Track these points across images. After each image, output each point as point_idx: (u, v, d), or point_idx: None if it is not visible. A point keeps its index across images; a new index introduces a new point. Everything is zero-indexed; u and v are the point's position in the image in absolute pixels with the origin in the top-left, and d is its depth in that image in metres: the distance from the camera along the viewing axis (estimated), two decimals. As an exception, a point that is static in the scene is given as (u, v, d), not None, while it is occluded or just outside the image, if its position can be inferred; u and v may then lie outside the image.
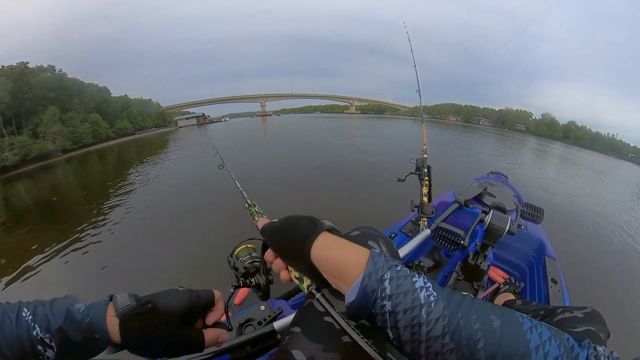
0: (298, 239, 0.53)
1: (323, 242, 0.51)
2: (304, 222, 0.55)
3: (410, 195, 2.17)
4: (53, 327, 0.48)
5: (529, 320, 0.39)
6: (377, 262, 0.44)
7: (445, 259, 2.11)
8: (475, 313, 0.39)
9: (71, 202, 9.76)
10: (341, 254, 0.49)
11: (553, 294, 1.56)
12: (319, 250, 0.51)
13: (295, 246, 0.53)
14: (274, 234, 0.60)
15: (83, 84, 39.70)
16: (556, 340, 0.36)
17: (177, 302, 0.57)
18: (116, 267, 4.37)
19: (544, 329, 0.38)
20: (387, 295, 0.41)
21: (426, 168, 2.18)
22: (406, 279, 0.42)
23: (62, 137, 31.34)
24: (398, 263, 0.45)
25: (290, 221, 0.58)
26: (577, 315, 0.88)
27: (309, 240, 0.51)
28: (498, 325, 0.38)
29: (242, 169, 9.49)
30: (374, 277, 0.42)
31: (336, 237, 0.53)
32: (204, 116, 71.07)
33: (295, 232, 0.55)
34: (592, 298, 3.46)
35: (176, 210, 6.65)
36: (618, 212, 8.91)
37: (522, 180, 10.21)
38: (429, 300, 0.40)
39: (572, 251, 4.75)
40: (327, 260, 0.50)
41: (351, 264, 0.46)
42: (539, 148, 32.87)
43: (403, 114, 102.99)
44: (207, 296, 0.62)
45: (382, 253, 0.47)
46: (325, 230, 0.54)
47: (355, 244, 0.51)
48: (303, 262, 0.52)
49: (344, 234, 0.84)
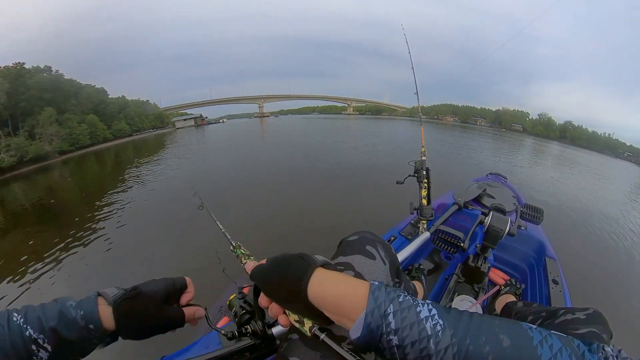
0: (292, 280, 0.50)
1: (319, 279, 0.49)
2: (295, 261, 0.53)
3: (409, 197, 2.17)
4: (46, 327, 0.50)
5: (538, 333, 0.38)
6: (378, 296, 0.43)
7: (445, 262, 2.10)
8: (484, 335, 0.38)
9: (68, 205, 9.70)
10: (340, 290, 0.47)
11: (554, 295, 1.55)
12: (316, 288, 0.49)
13: (290, 288, 0.51)
14: (265, 277, 0.56)
15: (80, 85, 39.64)
16: (567, 350, 0.36)
17: (158, 287, 0.64)
18: (110, 271, 4.35)
19: (555, 339, 0.37)
20: (392, 330, 0.40)
21: (425, 170, 2.17)
22: (410, 310, 0.41)
23: (59, 138, 31.24)
24: (400, 293, 0.44)
25: (281, 261, 0.55)
26: (579, 317, 0.87)
27: (304, 280, 0.49)
28: (508, 345, 0.37)
29: (239, 175, 9.43)
30: (377, 313, 0.41)
31: (332, 272, 0.52)
32: (202, 117, 71.03)
33: (288, 272, 0.52)
34: (594, 298, 3.49)
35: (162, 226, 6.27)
36: (616, 211, 8.99)
37: (521, 181, 10.25)
38: (436, 330, 0.39)
39: (572, 251, 4.77)
40: (325, 298, 0.48)
41: (351, 301, 0.45)
42: (537, 148, 33.00)
43: (400, 115, 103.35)
44: (180, 281, 0.70)
45: (382, 285, 0.45)
46: (319, 266, 0.52)
47: (353, 277, 0.50)
48: (301, 303, 0.50)
49: (342, 239, 0.83)
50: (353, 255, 0.73)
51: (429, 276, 2.02)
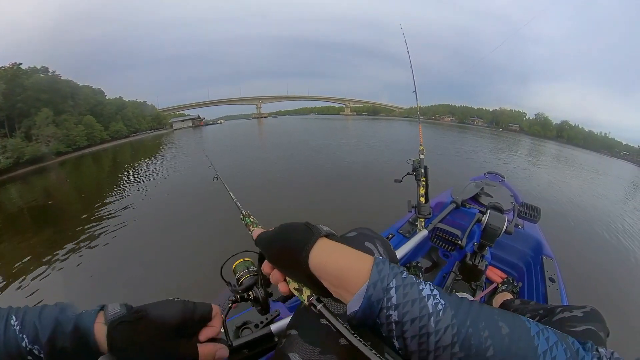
0: (294, 247, 0.50)
1: (321, 249, 0.49)
2: (300, 229, 0.52)
3: (407, 195, 2.17)
4: (42, 338, 0.47)
5: (535, 325, 0.38)
6: (382, 269, 0.42)
7: (443, 260, 2.11)
8: (484, 320, 0.38)
9: (65, 207, 9.65)
10: (342, 261, 0.46)
11: (551, 293, 1.56)
12: (318, 257, 0.48)
13: (292, 255, 0.50)
14: (269, 243, 0.56)
15: (77, 86, 39.42)
16: (562, 345, 0.36)
17: (170, 313, 0.55)
18: (111, 276, 4.32)
19: (551, 333, 0.37)
20: (393, 305, 0.40)
21: (423, 169, 2.17)
22: (413, 287, 0.41)
23: (56, 139, 31.10)
24: (403, 270, 0.44)
25: (286, 229, 0.55)
26: (576, 315, 0.88)
27: (306, 248, 0.49)
28: (507, 332, 0.37)
29: (237, 175, 9.45)
30: (380, 285, 0.41)
31: (335, 243, 0.51)
32: (200, 118, 70.84)
33: (291, 239, 0.52)
34: (590, 296, 3.50)
35: (171, 220, 6.49)
36: (613, 209, 9.06)
37: (518, 180, 10.28)
38: (437, 308, 0.39)
39: (569, 250, 4.79)
40: (326, 268, 0.47)
41: (354, 272, 0.44)
42: (534, 148, 33.12)
43: (398, 115, 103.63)
44: (203, 309, 0.59)
45: (387, 259, 0.45)
46: (322, 236, 0.51)
47: (357, 250, 0.49)
48: (301, 271, 0.49)
49: (340, 236, 0.84)
50: None
51: (427, 274, 2.03)
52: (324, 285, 0.48)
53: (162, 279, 4.04)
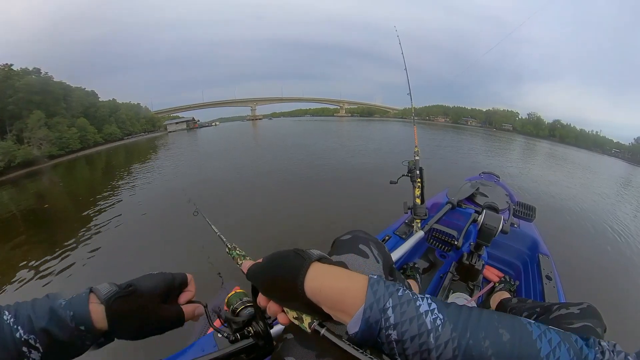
0: (288, 276, 0.49)
1: (316, 274, 0.48)
2: (291, 257, 0.51)
3: (403, 197, 2.18)
4: (37, 327, 0.48)
5: (537, 328, 0.38)
6: (377, 290, 0.42)
7: (440, 260, 2.12)
8: (484, 329, 0.38)
9: (61, 210, 9.53)
10: (337, 284, 0.46)
11: (548, 291, 1.57)
12: (313, 283, 0.47)
13: (286, 284, 0.50)
14: (261, 276, 0.55)
15: (70, 88, 38.85)
16: (565, 345, 0.36)
17: (155, 283, 0.60)
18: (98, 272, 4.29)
19: (553, 334, 0.37)
20: (391, 325, 0.40)
21: (418, 170, 2.19)
22: (410, 304, 0.41)
23: (48, 142, 30.64)
24: (399, 287, 0.44)
25: (276, 258, 0.54)
26: (573, 312, 0.88)
27: (300, 275, 0.48)
28: (508, 339, 0.37)
29: (233, 179, 9.39)
30: (376, 307, 0.41)
31: (328, 266, 0.50)
32: (194, 120, 70.36)
33: (283, 269, 0.51)
34: (587, 293, 3.53)
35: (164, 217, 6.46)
36: (607, 205, 9.27)
37: (513, 179, 10.37)
38: (436, 324, 0.38)
39: (565, 247, 4.84)
40: (323, 293, 0.46)
41: (349, 295, 0.44)
42: (527, 147, 33.43)
43: (392, 116, 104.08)
44: (181, 277, 0.66)
45: (381, 279, 0.45)
46: (314, 260, 0.50)
47: (351, 271, 0.49)
48: (297, 299, 0.49)
49: (335, 239, 0.83)
50: (346, 254, 0.73)
51: (424, 275, 2.03)
52: (324, 310, 0.47)
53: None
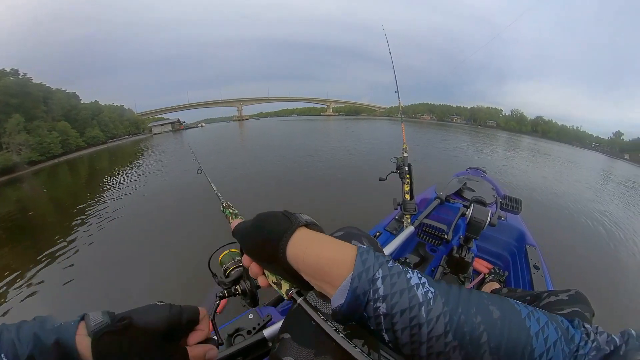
0: (271, 238, 0.47)
1: (300, 239, 0.45)
2: (278, 218, 0.49)
3: (393, 193, 2.20)
4: (20, 354, 0.43)
5: (524, 307, 0.38)
6: (366, 259, 0.39)
7: (430, 254, 2.15)
8: (475, 306, 0.37)
9: (46, 217, 9.24)
10: (323, 251, 0.43)
11: (536, 280, 1.62)
12: (296, 248, 0.45)
13: (268, 246, 0.47)
14: (246, 234, 0.53)
15: (50, 90, 37.52)
16: (553, 324, 0.36)
17: (157, 318, 0.51)
18: (92, 283, 4.16)
19: (540, 314, 0.38)
20: (380, 297, 0.37)
21: (407, 166, 2.22)
22: (400, 276, 0.38)
23: (28, 147, 29.57)
24: (388, 259, 0.41)
25: (262, 218, 0.51)
26: (562, 298, 0.91)
27: (284, 238, 0.45)
28: (498, 316, 0.36)
29: (220, 176, 9.32)
30: (365, 277, 0.38)
31: (315, 233, 0.47)
32: (179, 122, 69.26)
33: (268, 230, 0.48)
34: (573, 279, 3.67)
35: (155, 219, 6.44)
36: (588, 195, 9.65)
37: (499, 173, 10.58)
38: (428, 297, 0.37)
39: (550, 237, 4.97)
40: (306, 260, 0.44)
41: (336, 263, 0.41)
42: (511, 142, 34.07)
43: (379, 115, 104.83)
44: (190, 313, 0.56)
45: (371, 248, 0.42)
46: (302, 225, 0.47)
47: (339, 240, 0.46)
48: (278, 263, 0.46)
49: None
50: None
51: (416, 269, 2.06)
52: (304, 279, 0.46)
53: (148, 282, 3.93)
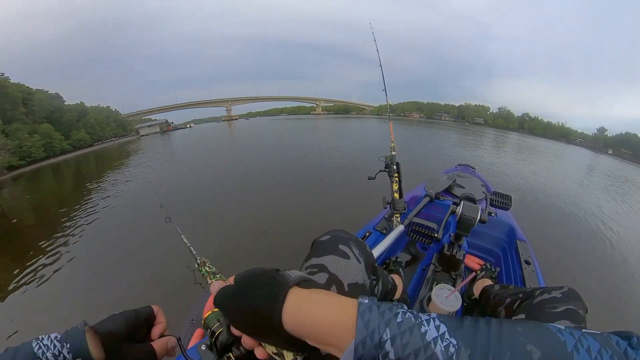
0: (261, 307, 0.41)
1: (295, 303, 0.41)
2: (263, 282, 0.44)
3: (383, 192, 2.18)
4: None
5: (570, 336, 0.32)
6: (369, 320, 0.35)
7: (421, 252, 2.14)
8: (509, 349, 0.31)
9: (30, 225, 8.97)
10: (321, 314, 0.39)
11: (528, 275, 1.62)
12: (293, 315, 0.40)
13: (260, 318, 0.41)
14: (230, 305, 0.46)
15: (30, 90, 35.91)
16: (607, 351, 0.30)
17: (115, 324, 0.54)
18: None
19: (591, 341, 0.31)
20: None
21: (395, 165, 2.21)
22: (412, 332, 0.33)
23: (7, 152, 28.28)
24: (397, 310, 0.36)
25: (246, 284, 0.45)
26: (555, 296, 0.89)
27: (277, 306, 0.40)
28: (539, 357, 0.30)
29: (207, 180, 9.17)
30: (370, 343, 0.33)
31: (309, 292, 0.42)
32: (168, 123, 68.22)
33: (255, 297, 0.42)
34: (563, 273, 3.75)
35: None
36: (575, 189, 9.99)
37: (488, 170, 10.73)
38: (449, 353, 0.31)
39: (540, 232, 5.07)
40: (305, 325, 0.39)
41: (336, 329, 0.37)
42: (498, 139, 34.63)
43: (368, 113, 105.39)
44: (146, 312, 0.60)
45: (374, 304, 0.37)
46: (293, 285, 0.43)
47: (337, 295, 0.42)
48: (276, 335, 0.41)
49: (314, 240, 0.79)
50: (326, 256, 0.70)
51: (407, 268, 2.05)
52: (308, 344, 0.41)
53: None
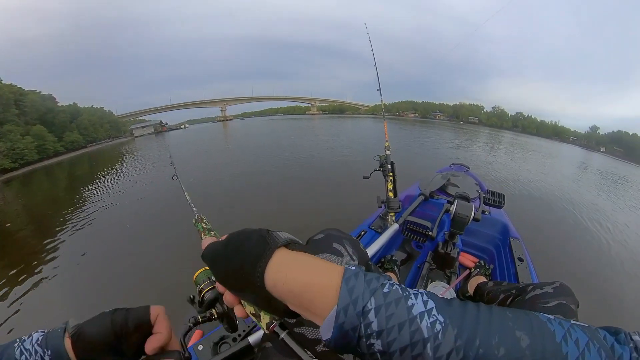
0: (245, 264, 0.40)
1: (280, 264, 0.39)
2: (253, 239, 0.42)
3: (378, 191, 2.19)
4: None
5: (559, 326, 0.31)
6: (354, 287, 0.33)
7: (416, 251, 2.16)
8: (497, 333, 0.30)
9: (25, 228, 8.88)
10: (304, 277, 0.37)
11: (521, 271, 1.64)
12: (276, 274, 0.38)
13: (242, 273, 0.40)
14: (215, 259, 0.45)
15: (22, 91, 35.35)
16: (595, 345, 0.29)
17: (99, 328, 0.45)
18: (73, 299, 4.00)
19: (579, 332, 0.30)
20: (374, 332, 0.31)
21: (390, 164, 2.22)
22: (398, 304, 0.32)
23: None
24: (384, 281, 0.35)
25: (235, 240, 0.44)
26: (547, 291, 0.91)
27: (260, 263, 0.39)
28: (527, 344, 0.29)
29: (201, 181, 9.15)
30: (352, 310, 0.32)
31: (296, 254, 0.41)
32: (162, 124, 67.90)
33: (242, 254, 0.41)
34: (555, 269, 3.80)
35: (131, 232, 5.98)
36: (568, 186, 10.12)
37: (482, 169, 10.78)
38: (435, 330, 0.30)
39: (533, 229, 5.11)
40: (287, 287, 0.38)
41: (318, 293, 0.35)
42: (492, 138, 34.88)
43: (363, 113, 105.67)
44: (138, 314, 0.47)
45: (360, 271, 0.36)
46: (281, 246, 0.41)
47: (324, 259, 0.40)
48: (256, 292, 0.40)
49: (308, 239, 0.79)
50: (320, 254, 0.71)
51: (402, 266, 2.06)
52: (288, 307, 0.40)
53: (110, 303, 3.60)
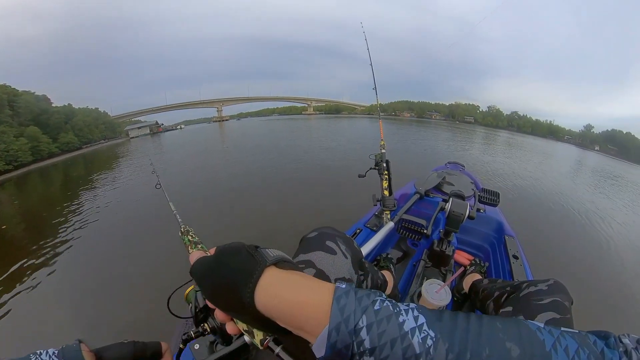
0: (234, 284, 0.40)
1: (269, 284, 0.39)
2: (241, 257, 0.42)
3: (373, 190, 2.20)
4: None
5: (549, 334, 0.32)
6: (345, 306, 0.34)
7: (412, 249, 2.16)
8: (487, 344, 0.31)
9: (21, 230, 8.80)
10: (295, 296, 0.37)
11: (516, 269, 1.65)
12: (266, 295, 0.38)
13: (232, 293, 0.40)
14: (203, 277, 0.44)
15: (15, 92, 34.88)
16: (585, 351, 0.30)
17: (123, 354, 0.55)
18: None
19: (569, 340, 0.31)
20: (367, 350, 0.32)
21: (385, 162, 2.23)
22: (390, 321, 0.33)
23: (-7, 156, 27.73)
24: (375, 298, 0.36)
25: (222, 257, 0.43)
26: (541, 288, 0.92)
27: (250, 284, 0.39)
28: (517, 355, 0.30)
29: (197, 180, 9.11)
30: (344, 329, 0.32)
31: (286, 273, 0.41)
32: (157, 124, 67.37)
33: (230, 273, 0.41)
34: (549, 266, 3.82)
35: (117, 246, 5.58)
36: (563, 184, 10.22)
37: (477, 167, 10.83)
38: (426, 345, 0.31)
39: (528, 227, 5.15)
40: (278, 307, 0.37)
41: (310, 312, 0.35)
42: (488, 137, 35.02)
43: (360, 113, 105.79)
44: (153, 348, 0.60)
45: (351, 289, 0.36)
46: (270, 264, 0.41)
47: (315, 278, 0.41)
48: (247, 313, 0.39)
49: (302, 237, 0.81)
50: (313, 252, 0.72)
51: (398, 264, 2.07)
52: (280, 325, 0.39)
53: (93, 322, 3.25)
